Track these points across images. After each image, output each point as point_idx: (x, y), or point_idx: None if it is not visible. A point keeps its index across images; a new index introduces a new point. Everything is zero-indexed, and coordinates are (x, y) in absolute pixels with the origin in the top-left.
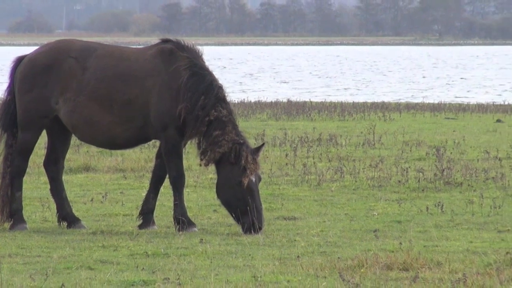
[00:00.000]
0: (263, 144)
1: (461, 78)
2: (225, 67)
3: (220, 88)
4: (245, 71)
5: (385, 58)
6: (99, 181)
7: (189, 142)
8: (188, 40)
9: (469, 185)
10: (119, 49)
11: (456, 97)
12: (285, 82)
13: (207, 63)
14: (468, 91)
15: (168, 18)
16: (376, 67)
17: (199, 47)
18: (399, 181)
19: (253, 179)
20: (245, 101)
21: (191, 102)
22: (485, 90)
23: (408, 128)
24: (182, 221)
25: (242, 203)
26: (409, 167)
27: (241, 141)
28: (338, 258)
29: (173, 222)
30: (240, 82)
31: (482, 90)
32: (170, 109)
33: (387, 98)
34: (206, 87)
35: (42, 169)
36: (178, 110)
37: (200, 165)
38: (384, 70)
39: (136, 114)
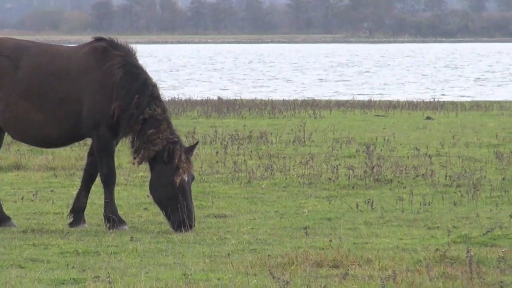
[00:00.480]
0: (196, 143)
1: (383, 76)
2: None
3: (154, 86)
4: (158, 69)
5: (307, 55)
6: (30, 180)
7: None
8: (122, 39)
9: (399, 182)
10: (53, 47)
11: (351, 94)
12: (199, 81)
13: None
14: (370, 89)
15: (99, 16)
16: (297, 65)
17: (133, 45)
18: (329, 179)
19: (186, 178)
20: (176, 99)
21: (125, 100)
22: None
23: (338, 125)
24: (113, 219)
25: (174, 202)
26: (339, 164)
27: (175, 140)
28: (268, 255)
29: (103, 220)
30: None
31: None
32: (103, 107)
33: (299, 96)
34: (140, 85)
35: None
36: (112, 108)
37: (134, 163)
38: (303, 68)
39: (69, 112)
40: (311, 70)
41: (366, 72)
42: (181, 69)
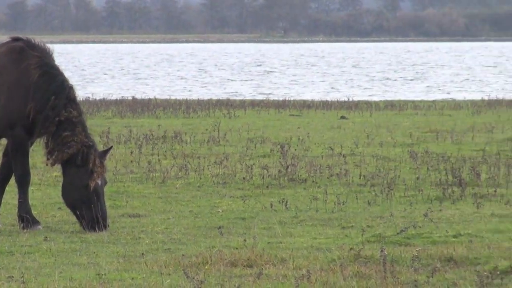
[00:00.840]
0: (110, 147)
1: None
2: None
3: (71, 88)
4: (64, 68)
5: (217, 55)
6: None
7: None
8: (38, 39)
9: (313, 181)
10: None
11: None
12: (105, 80)
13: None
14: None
15: (14, 16)
16: (206, 64)
17: (50, 46)
18: (244, 178)
19: (99, 182)
20: (90, 99)
21: (41, 101)
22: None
23: (252, 125)
24: (27, 219)
25: (87, 206)
26: (254, 164)
27: (90, 143)
28: (183, 255)
29: (17, 220)
30: None
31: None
32: (18, 108)
33: (201, 96)
34: (57, 87)
35: None
36: (28, 109)
37: (47, 164)
38: (212, 68)
39: None
40: (219, 69)
41: (272, 71)
42: (87, 68)
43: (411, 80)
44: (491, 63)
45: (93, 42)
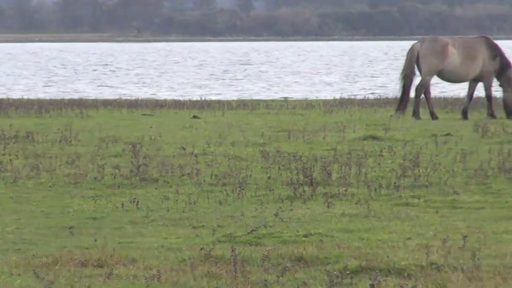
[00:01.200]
0: None
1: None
2: None
3: None
4: None
5: (58, 55)
6: None
7: None
8: None
9: (164, 181)
10: None
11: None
12: None
13: None
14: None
15: None
16: (47, 64)
17: None
18: (95, 178)
19: None
20: None
21: None
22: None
23: (105, 124)
24: None
25: None
26: (106, 163)
27: None
28: (33, 255)
29: None
30: None
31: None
32: None
33: (42, 95)
34: None
35: None
36: None
37: None
38: (50, 68)
39: None
40: (64, 69)
41: (117, 70)
42: None
43: (255, 78)
44: (338, 62)
45: None
